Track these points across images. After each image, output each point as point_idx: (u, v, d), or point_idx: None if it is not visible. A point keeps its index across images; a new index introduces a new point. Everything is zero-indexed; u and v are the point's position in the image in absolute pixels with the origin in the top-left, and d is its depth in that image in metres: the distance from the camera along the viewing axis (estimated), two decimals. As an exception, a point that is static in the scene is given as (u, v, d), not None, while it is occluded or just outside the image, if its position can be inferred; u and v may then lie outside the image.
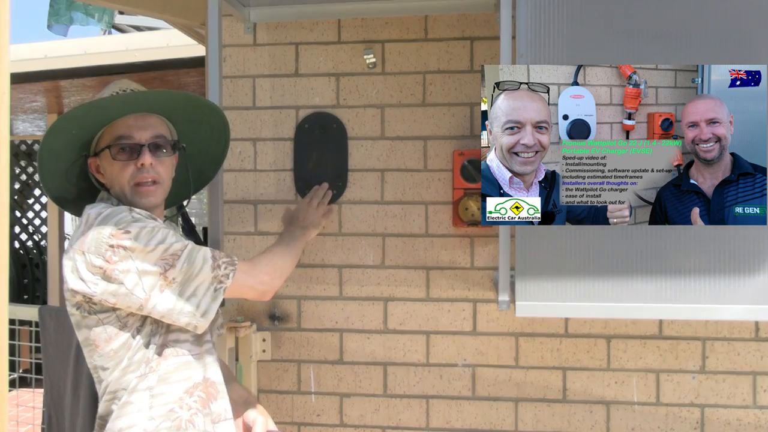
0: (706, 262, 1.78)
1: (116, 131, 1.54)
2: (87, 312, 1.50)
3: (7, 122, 1.10)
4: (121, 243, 1.44)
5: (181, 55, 4.07)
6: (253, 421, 1.64)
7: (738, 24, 1.78)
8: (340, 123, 2.37)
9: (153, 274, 1.46)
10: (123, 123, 1.55)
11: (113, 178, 1.56)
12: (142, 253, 1.45)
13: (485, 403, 2.33)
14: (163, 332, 1.54)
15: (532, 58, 1.80)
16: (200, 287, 1.50)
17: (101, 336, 1.51)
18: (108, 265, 1.44)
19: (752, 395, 2.24)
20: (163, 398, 1.52)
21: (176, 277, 1.48)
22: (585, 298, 1.81)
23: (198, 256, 1.50)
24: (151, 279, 1.46)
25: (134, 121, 1.55)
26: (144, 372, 1.51)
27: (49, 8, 3.78)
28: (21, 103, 5.18)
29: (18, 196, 6.84)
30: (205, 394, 1.57)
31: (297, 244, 1.87)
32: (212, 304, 1.51)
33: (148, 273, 1.46)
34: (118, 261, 1.44)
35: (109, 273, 1.44)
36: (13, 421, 3.83)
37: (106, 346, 1.51)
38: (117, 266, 1.44)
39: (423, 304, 2.35)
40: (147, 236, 1.46)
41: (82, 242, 1.47)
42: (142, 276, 1.46)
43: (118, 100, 1.54)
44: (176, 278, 1.48)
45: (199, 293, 1.50)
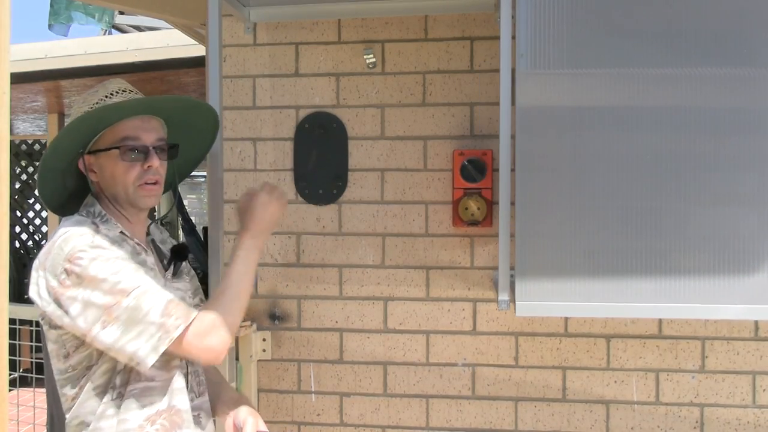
0: (706, 262, 1.78)
1: (122, 132, 1.52)
2: (49, 326, 1.46)
3: (7, 122, 1.10)
4: (74, 269, 1.39)
5: (181, 55, 4.07)
6: (243, 422, 1.61)
7: (738, 24, 1.78)
8: (340, 123, 2.37)
9: (97, 308, 1.38)
10: (129, 124, 1.52)
11: (116, 178, 1.53)
12: (92, 283, 1.38)
13: (485, 402, 2.33)
14: None
15: (532, 58, 1.81)
16: (143, 333, 1.38)
17: (60, 351, 1.46)
18: (60, 289, 1.39)
19: (751, 394, 2.25)
20: (126, 425, 1.46)
21: (120, 315, 1.38)
22: (585, 298, 1.81)
23: (146, 300, 1.39)
24: (94, 312, 1.38)
25: (140, 123, 1.53)
26: (111, 397, 1.46)
27: (49, 8, 3.79)
28: (21, 103, 5.18)
29: (18, 196, 6.84)
30: (169, 422, 1.50)
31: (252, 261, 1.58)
32: (151, 353, 1.38)
33: (92, 305, 1.38)
34: (69, 286, 1.39)
35: (58, 297, 1.40)
36: (13, 420, 3.84)
37: (65, 362, 1.47)
38: (66, 292, 1.39)
39: (423, 303, 2.35)
40: (99, 266, 1.39)
41: (45, 258, 1.43)
42: (86, 307, 1.38)
43: (137, 103, 1.52)
44: (120, 316, 1.38)
45: (141, 339, 1.38)
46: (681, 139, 1.79)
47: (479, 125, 2.32)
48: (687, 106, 1.79)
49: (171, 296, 1.43)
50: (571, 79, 1.81)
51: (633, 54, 1.80)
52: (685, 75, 1.79)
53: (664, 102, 1.79)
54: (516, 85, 1.82)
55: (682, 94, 1.79)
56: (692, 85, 1.78)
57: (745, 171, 1.78)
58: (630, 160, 1.80)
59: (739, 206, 1.78)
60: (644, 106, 1.80)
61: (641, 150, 1.80)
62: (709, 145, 1.78)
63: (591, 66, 1.81)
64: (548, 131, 1.83)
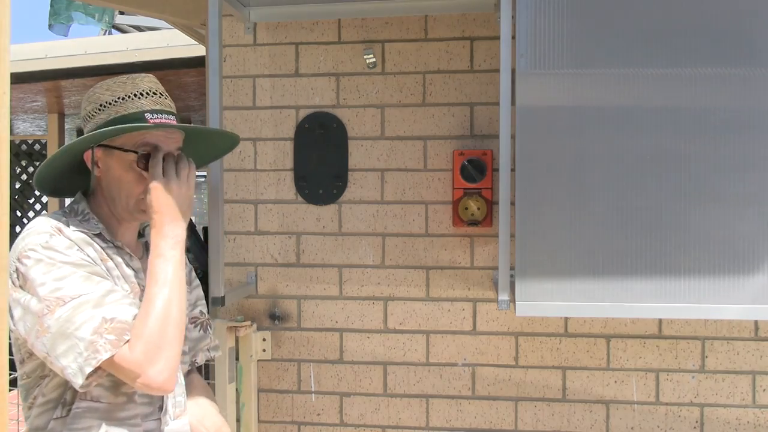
0: (706, 262, 1.78)
1: (144, 136, 1.42)
2: (9, 328, 1.34)
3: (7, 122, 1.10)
4: (20, 268, 1.30)
5: (181, 55, 4.07)
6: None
7: (738, 24, 1.78)
8: (340, 123, 2.37)
9: (33, 314, 1.28)
10: (154, 132, 1.42)
11: (122, 184, 1.42)
12: (32, 285, 1.28)
13: (485, 402, 2.33)
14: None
15: (532, 58, 1.81)
16: (72, 349, 1.26)
17: (16, 356, 1.36)
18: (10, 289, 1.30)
19: (751, 394, 2.24)
20: None
21: (51, 325, 1.26)
22: (585, 298, 1.81)
23: (82, 312, 1.26)
24: (30, 319, 1.29)
25: (165, 133, 1.44)
26: (60, 414, 1.36)
27: (49, 8, 3.79)
28: (21, 103, 5.19)
29: (18, 196, 6.84)
30: None
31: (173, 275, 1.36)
32: (78, 374, 1.25)
33: (29, 311, 1.29)
34: (16, 287, 1.30)
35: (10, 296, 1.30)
36: (13, 420, 3.84)
37: (20, 368, 1.38)
38: (13, 293, 1.30)
39: (423, 303, 2.35)
40: (44, 269, 1.29)
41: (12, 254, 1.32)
42: (25, 312, 1.29)
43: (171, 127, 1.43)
44: (51, 327, 1.26)
45: (68, 357, 1.26)
46: (681, 138, 1.79)
47: (479, 125, 2.32)
48: (687, 106, 1.79)
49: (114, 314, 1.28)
50: (571, 79, 1.81)
51: (633, 54, 1.80)
52: (685, 75, 1.79)
53: (664, 102, 1.79)
54: (516, 85, 1.82)
55: (682, 94, 1.79)
56: (692, 85, 1.79)
57: (745, 171, 1.78)
58: (630, 160, 1.80)
59: (739, 206, 1.78)
60: (644, 106, 1.80)
61: (641, 150, 1.80)
62: (709, 145, 1.78)
63: (591, 66, 1.81)
64: (548, 131, 1.83)
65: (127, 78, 1.47)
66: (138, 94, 1.43)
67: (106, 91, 1.44)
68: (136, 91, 1.44)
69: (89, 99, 1.46)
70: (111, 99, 1.43)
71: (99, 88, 1.46)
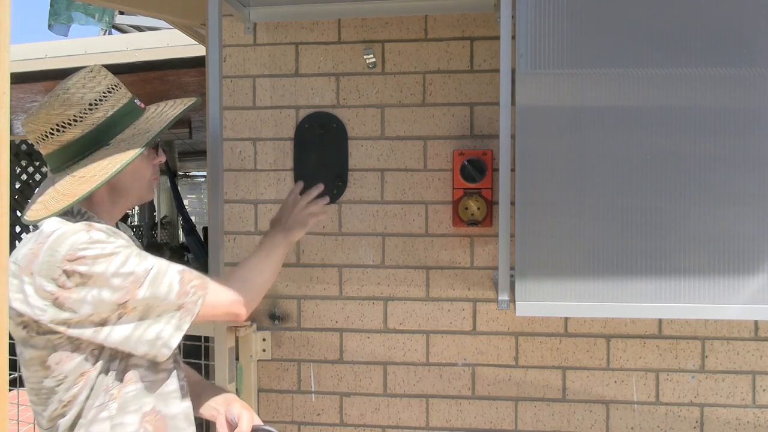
0: (706, 262, 1.78)
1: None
2: (36, 332, 1.36)
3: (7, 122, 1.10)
4: (76, 268, 1.31)
5: (181, 55, 4.07)
6: (238, 417, 1.57)
7: (738, 24, 1.78)
8: (340, 123, 2.37)
9: (110, 304, 1.33)
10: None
11: (135, 174, 1.49)
12: (100, 280, 1.32)
13: (485, 402, 2.33)
14: (123, 356, 1.41)
15: (532, 58, 1.81)
16: (163, 316, 1.37)
17: (52, 358, 1.37)
18: (60, 292, 1.31)
19: (751, 394, 2.25)
20: (124, 429, 1.41)
21: (137, 305, 1.34)
22: (585, 298, 1.81)
23: (163, 282, 1.37)
24: (107, 308, 1.33)
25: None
26: (103, 401, 1.40)
27: (49, 8, 3.79)
28: (21, 103, 5.19)
29: (18, 196, 6.85)
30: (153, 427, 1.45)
31: (276, 253, 1.64)
32: (175, 333, 1.38)
33: (104, 302, 1.33)
34: (72, 287, 1.31)
35: (62, 300, 1.32)
36: (13, 420, 3.84)
37: (56, 369, 1.38)
38: (71, 294, 1.32)
39: (423, 303, 2.35)
40: (105, 262, 1.33)
41: (31, 262, 1.33)
42: (98, 306, 1.33)
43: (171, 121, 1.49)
44: (137, 306, 1.35)
45: (161, 321, 1.37)
46: (681, 139, 1.79)
47: (479, 125, 2.32)
48: (687, 106, 1.79)
49: (181, 267, 1.42)
50: (571, 79, 1.81)
51: (633, 54, 1.80)
52: (685, 75, 1.79)
53: (664, 102, 1.79)
54: (516, 85, 1.82)
55: (682, 94, 1.79)
56: (692, 85, 1.78)
57: (745, 171, 1.78)
58: (630, 160, 1.80)
59: (739, 206, 1.78)
60: (644, 106, 1.80)
61: (641, 150, 1.80)
62: (709, 145, 1.78)
63: (591, 66, 1.81)
64: (548, 131, 1.82)
65: (89, 73, 1.45)
66: (114, 86, 1.46)
67: (82, 89, 1.42)
68: (110, 83, 1.46)
69: (66, 103, 1.41)
70: (97, 97, 1.43)
71: (69, 92, 1.42)
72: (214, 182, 2.00)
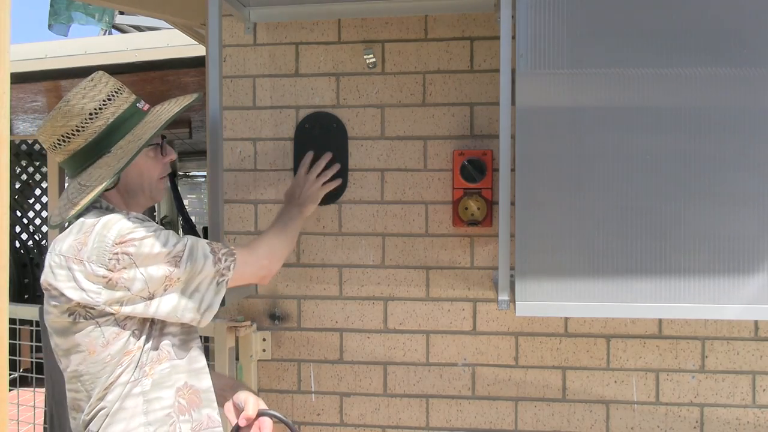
0: (706, 262, 1.78)
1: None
2: (83, 318, 1.47)
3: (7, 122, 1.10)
4: (126, 250, 1.43)
5: (181, 55, 4.07)
6: (244, 401, 1.62)
7: (738, 24, 1.78)
8: (340, 123, 2.37)
9: (158, 278, 1.47)
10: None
11: (143, 173, 1.59)
12: (147, 258, 1.45)
13: (485, 402, 2.33)
14: (157, 335, 1.53)
15: (532, 58, 1.81)
16: (203, 283, 1.52)
17: (98, 341, 1.47)
18: (112, 274, 1.43)
19: (751, 394, 2.25)
20: (160, 403, 1.51)
21: (181, 276, 1.49)
22: (585, 298, 1.81)
23: (199, 254, 1.52)
24: (156, 283, 1.47)
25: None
26: (137, 377, 1.50)
27: (49, 8, 3.79)
28: (21, 103, 5.18)
29: (18, 196, 6.85)
30: (187, 401, 1.55)
31: (293, 224, 1.88)
32: (215, 297, 1.53)
33: (153, 278, 1.46)
34: (122, 269, 1.43)
35: (115, 281, 1.43)
36: (13, 420, 3.84)
37: (102, 351, 1.47)
38: (122, 274, 1.44)
39: (423, 303, 2.35)
40: (150, 242, 1.45)
41: (78, 251, 1.44)
42: (148, 282, 1.46)
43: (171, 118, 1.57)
44: (181, 278, 1.49)
45: (201, 288, 1.52)
46: (681, 139, 1.79)
47: (479, 125, 2.32)
48: (687, 106, 1.79)
49: (209, 241, 1.57)
50: (571, 79, 1.81)
51: (633, 54, 1.80)
52: (685, 75, 1.79)
53: (664, 102, 1.79)
54: (516, 85, 1.82)
55: (682, 94, 1.79)
56: (692, 85, 1.78)
57: (745, 171, 1.78)
58: (630, 160, 1.80)
59: (739, 206, 1.78)
60: (644, 106, 1.80)
61: (641, 150, 1.80)
62: (709, 145, 1.78)
63: (591, 66, 1.81)
64: (548, 131, 1.82)
65: (90, 82, 1.53)
66: (115, 92, 1.53)
67: (82, 99, 1.50)
68: (112, 89, 1.53)
69: (67, 114, 1.50)
70: (97, 106, 1.50)
71: (70, 103, 1.50)
72: (214, 182, 2.00)
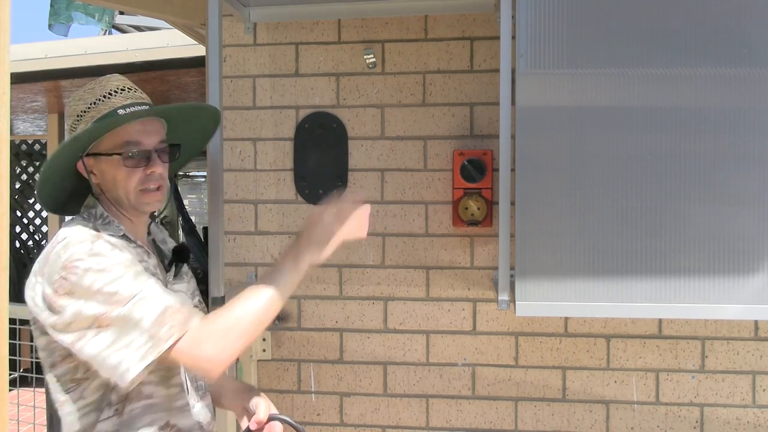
0: (705, 262, 1.78)
1: (123, 136, 1.46)
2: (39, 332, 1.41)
3: (7, 122, 1.10)
4: (68, 276, 1.33)
5: (181, 55, 4.07)
6: (255, 405, 1.60)
7: (738, 24, 1.78)
8: (340, 123, 2.37)
9: (87, 318, 1.32)
10: (131, 128, 1.47)
11: (117, 183, 1.48)
12: (85, 293, 1.32)
13: (485, 402, 2.33)
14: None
15: (532, 58, 1.81)
16: (134, 342, 1.30)
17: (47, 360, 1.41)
18: (53, 297, 1.35)
19: (751, 394, 2.25)
20: None
21: (111, 323, 1.31)
22: (585, 298, 1.81)
23: (141, 307, 1.31)
24: (84, 322, 1.32)
25: (142, 127, 1.48)
26: (108, 415, 1.40)
27: (49, 8, 3.79)
28: (21, 103, 5.18)
29: (18, 196, 6.85)
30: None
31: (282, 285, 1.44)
32: (137, 364, 1.29)
33: (82, 316, 1.32)
34: (63, 294, 1.34)
35: (52, 304, 1.35)
36: (13, 420, 3.84)
37: (51, 371, 1.41)
38: (59, 300, 1.34)
39: (423, 303, 2.35)
40: (94, 276, 1.33)
41: (43, 265, 1.39)
42: (76, 317, 1.32)
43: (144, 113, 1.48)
44: (111, 325, 1.31)
45: (130, 348, 1.30)
46: (681, 139, 1.79)
47: (479, 125, 2.32)
48: (687, 106, 1.79)
49: (171, 302, 1.34)
50: (571, 79, 1.82)
51: (633, 54, 1.80)
52: (685, 75, 1.79)
53: (664, 102, 1.79)
54: (516, 85, 1.82)
55: (682, 94, 1.79)
56: (692, 85, 1.79)
57: (745, 171, 1.78)
58: (630, 159, 1.80)
59: (739, 206, 1.78)
60: (644, 106, 1.80)
61: (641, 150, 1.80)
62: (709, 145, 1.78)
63: (591, 66, 1.81)
64: (548, 131, 1.83)
65: (95, 83, 1.51)
66: (107, 95, 1.48)
67: (79, 101, 1.49)
68: (104, 92, 1.48)
69: (68, 113, 1.51)
70: (84, 107, 1.48)
71: (73, 101, 1.51)
72: (214, 182, 2.00)
